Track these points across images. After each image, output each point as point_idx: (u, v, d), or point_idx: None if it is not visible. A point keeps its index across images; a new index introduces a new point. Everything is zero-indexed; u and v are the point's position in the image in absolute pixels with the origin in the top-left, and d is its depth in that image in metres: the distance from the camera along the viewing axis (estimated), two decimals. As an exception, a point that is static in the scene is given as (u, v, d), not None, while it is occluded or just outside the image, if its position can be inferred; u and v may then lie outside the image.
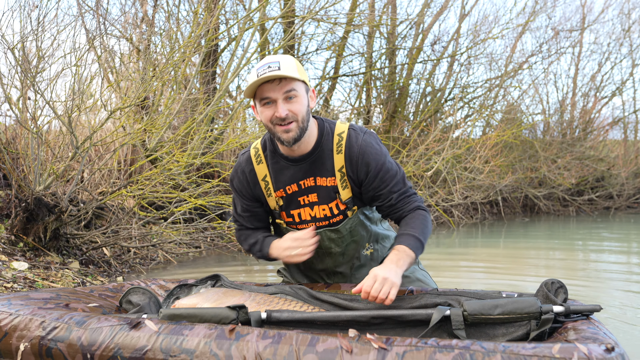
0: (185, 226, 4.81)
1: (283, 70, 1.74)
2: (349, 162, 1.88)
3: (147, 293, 1.79)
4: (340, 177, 1.91)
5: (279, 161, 1.93)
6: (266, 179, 1.96)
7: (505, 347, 1.26)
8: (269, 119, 1.81)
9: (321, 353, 1.31)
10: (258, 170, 1.97)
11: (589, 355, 1.23)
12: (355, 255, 2.08)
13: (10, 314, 1.52)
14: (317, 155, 1.90)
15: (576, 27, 11.83)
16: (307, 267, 2.13)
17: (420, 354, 1.28)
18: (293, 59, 1.81)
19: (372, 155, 1.87)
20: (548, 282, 1.66)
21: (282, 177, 1.94)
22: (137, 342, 1.39)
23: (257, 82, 1.75)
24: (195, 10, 4.81)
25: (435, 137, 7.85)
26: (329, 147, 1.90)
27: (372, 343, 1.31)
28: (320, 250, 2.03)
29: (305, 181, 1.93)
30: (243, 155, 2.01)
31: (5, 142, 4.02)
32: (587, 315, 1.56)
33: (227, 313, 1.52)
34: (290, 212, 1.99)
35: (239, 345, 1.35)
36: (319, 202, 1.95)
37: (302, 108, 1.81)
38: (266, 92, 1.78)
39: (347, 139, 1.89)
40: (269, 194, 1.98)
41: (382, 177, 1.89)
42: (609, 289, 3.71)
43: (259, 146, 1.98)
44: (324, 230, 1.97)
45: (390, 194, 1.90)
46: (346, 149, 1.88)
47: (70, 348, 1.42)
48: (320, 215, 1.97)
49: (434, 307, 1.67)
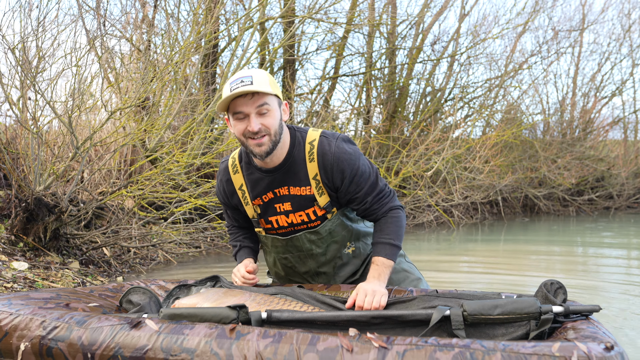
0: (185, 226, 4.81)
1: (255, 84, 1.77)
2: (323, 169, 1.91)
3: (148, 293, 1.79)
4: (315, 184, 1.93)
5: (253, 172, 1.98)
6: (242, 188, 2.01)
7: (505, 346, 1.26)
8: (242, 133, 1.84)
9: (322, 352, 1.31)
10: (234, 180, 2.02)
11: (588, 353, 1.23)
12: (337, 255, 2.09)
13: (10, 313, 1.52)
14: (289, 165, 1.93)
15: (576, 27, 11.84)
16: (289, 272, 2.16)
17: (420, 352, 1.28)
18: (265, 73, 1.85)
19: (346, 161, 1.90)
20: (547, 283, 1.66)
21: (257, 188, 1.99)
22: (138, 342, 1.39)
23: (229, 96, 1.79)
24: (195, 10, 4.81)
25: (435, 137, 7.86)
26: (300, 157, 1.93)
27: (372, 342, 1.31)
28: (302, 254, 2.05)
29: (279, 189, 1.97)
30: (222, 164, 2.07)
31: (6, 142, 4.02)
32: (587, 315, 1.56)
33: (227, 313, 1.52)
34: (268, 219, 2.03)
35: (239, 344, 1.35)
36: (293, 210, 1.98)
37: (274, 122, 1.84)
38: (239, 107, 1.81)
39: (318, 146, 1.91)
40: (246, 202, 2.03)
41: (357, 181, 1.92)
42: (608, 289, 3.72)
43: (236, 156, 2.03)
44: (304, 232, 2.00)
45: (365, 197, 1.94)
46: (319, 157, 1.90)
47: (71, 347, 1.42)
48: (297, 221, 2.01)
49: (434, 308, 1.67)
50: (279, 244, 2.05)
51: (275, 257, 2.12)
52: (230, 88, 1.79)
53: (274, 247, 2.08)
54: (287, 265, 2.11)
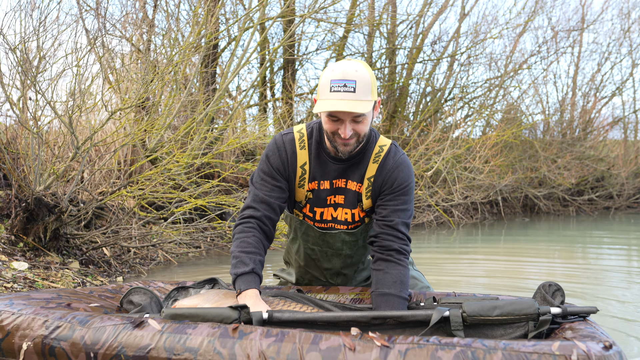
0: (185, 226, 4.81)
1: (358, 93, 1.71)
2: (380, 172, 1.90)
3: (149, 293, 1.80)
4: (367, 185, 1.92)
5: (320, 154, 1.92)
6: (304, 167, 1.93)
7: (505, 345, 1.28)
8: (331, 131, 1.80)
9: (324, 351, 1.32)
10: (299, 155, 1.92)
11: (587, 352, 1.25)
12: (362, 259, 2.11)
13: (12, 313, 1.52)
14: (357, 159, 1.92)
15: (576, 27, 11.84)
16: (310, 264, 2.13)
17: (422, 351, 1.29)
18: (368, 75, 1.76)
19: (403, 172, 1.89)
20: (545, 285, 1.68)
21: (318, 170, 1.93)
22: (141, 341, 1.40)
23: (328, 104, 1.72)
24: (195, 10, 4.81)
25: (435, 137, 7.86)
26: (368, 155, 1.92)
27: (374, 341, 1.32)
28: (331, 250, 2.04)
29: (337, 181, 1.94)
30: (285, 135, 1.94)
31: (6, 142, 4.02)
32: (584, 316, 1.58)
33: (229, 313, 1.52)
34: (314, 209, 1.99)
35: (242, 343, 1.36)
36: (344, 205, 1.96)
37: (366, 127, 1.81)
38: (335, 112, 1.75)
39: (386, 151, 1.92)
40: (301, 184, 1.94)
41: (398, 195, 1.88)
42: (608, 289, 3.72)
43: (304, 131, 1.93)
44: (341, 231, 1.99)
45: (392, 215, 1.86)
46: (382, 160, 1.91)
47: (74, 347, 1.43)
48: (341, 218, 1.99)
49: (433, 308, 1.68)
50: (311, 234, 2.02)
51: (302, 246, 2.08)
52: (330, 87, 1.73)
53: (305, 235, 2.04)
54: (312, 257, 2.08)
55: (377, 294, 1.79)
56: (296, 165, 1.92)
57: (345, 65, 1.75)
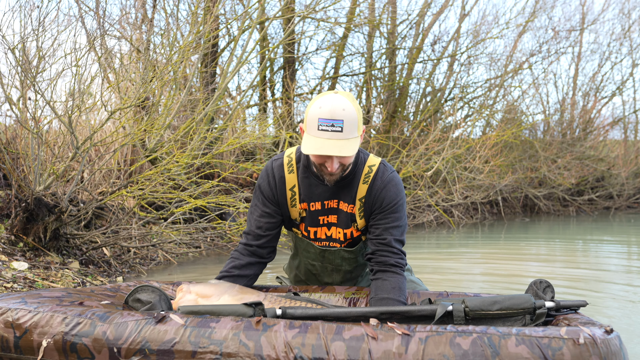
0: (185, 226, 4.81)
1: (345, 132, 1.74)
2: (370, 192, 1.94)
3: (157, 291, 1.78)
4: (359, 205, 1.96)
5: (309, 177, 1.97)
6: (294, 189, 1.99)
7: (518, 331, 1.38)
8: (318, 163, 1.84)
9: (348, 340, 1.38)
10: (288, 179, 1.99)
11: (593, 335, 1.36)
12: (361, 274, 2.19)
13: (29, 311, 1.51)
14: (347, 181, 1.95)
15: (576, 27, 11.83)
16: (311, 278, 2.19)
17: (441, 338, 1.37)
18: (355, 112, 1.78)
19: (391, 191, 1.93)
20: (537, 282, 1.80)
21: (308, 193, 1.98)
22: (165, 336, 1.42)
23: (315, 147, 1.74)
24: (194, 9, 4.81)
25: (435, 137, 7.86)
26: (357, 176, 1.95)
27: (395, 330, 1.40)
28: (330, 266, 2.10)
29: (329, 202, 1.98)
30: (275, 161, 2.02)
31: (6, 142, 4.02)
32: (575, 309, 1.71)
33: (244, 310, 1.58)
34: (307, 228, 2.04)
35: (267, 335, 1.40)
36: (337, 224, 2.01)
37: (351, 159, 1.86)
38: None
39: (375, 172, 1.95)
40: (293, 204, 2.00)
41: (388, 214, 1.93)
42: (608, 289, 3.72)
43: (292, 156, 2.00)
44: (340, 249, 2.04)
45: (384, 234, 1.92)
46: (372, 181, 1.94)
47: (96, 342, 1.44)
48: (335, 237, 2.03)
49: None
50: (311, 250, 2.08)
51: (302, 261, 2.15)
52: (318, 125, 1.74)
53: (305, 251, 2.10)
54: (312, 272, 2.15)
55: (377, 299, 1.84)
56: (285, 188, 1.99)
57: (332, 103, 1.76)
